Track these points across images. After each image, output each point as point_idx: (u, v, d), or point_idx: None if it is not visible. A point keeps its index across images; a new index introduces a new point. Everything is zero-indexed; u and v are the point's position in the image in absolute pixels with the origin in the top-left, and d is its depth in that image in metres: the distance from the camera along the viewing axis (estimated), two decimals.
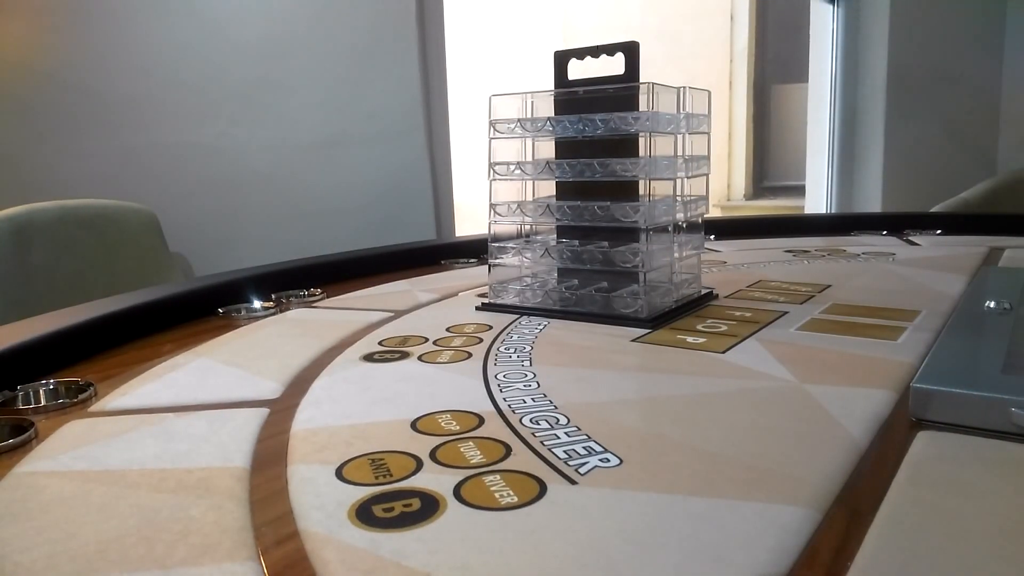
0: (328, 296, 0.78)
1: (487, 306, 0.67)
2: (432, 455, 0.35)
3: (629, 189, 0.61)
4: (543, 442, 0.36)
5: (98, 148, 1.84)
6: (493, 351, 0.53)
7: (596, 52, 0.64)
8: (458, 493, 0.31)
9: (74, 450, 0.37)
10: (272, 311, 0.71)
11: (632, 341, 0.55)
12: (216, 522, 0.29)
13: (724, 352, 0.51)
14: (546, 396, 0.42)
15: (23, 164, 1.85)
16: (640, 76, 0.61)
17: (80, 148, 1.84)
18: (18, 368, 0.50)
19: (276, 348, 0.57)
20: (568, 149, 0.65)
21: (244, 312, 0.71)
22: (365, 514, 0.29)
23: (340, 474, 0.33)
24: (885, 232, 1.15)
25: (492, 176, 0.66)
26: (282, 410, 0.43)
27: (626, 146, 0.61)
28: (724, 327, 0.58)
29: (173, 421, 0.41)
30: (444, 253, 1.02)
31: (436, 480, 0.32)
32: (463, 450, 0.35)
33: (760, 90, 5.18)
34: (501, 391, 0.44)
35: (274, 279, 0.80)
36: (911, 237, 1.10)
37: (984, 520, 0.27)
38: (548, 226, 0.68)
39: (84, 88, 1.83)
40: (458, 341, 0.56)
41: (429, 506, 0.30)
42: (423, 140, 1.87)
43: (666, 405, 0.41)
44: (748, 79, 5.06)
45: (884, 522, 0.27)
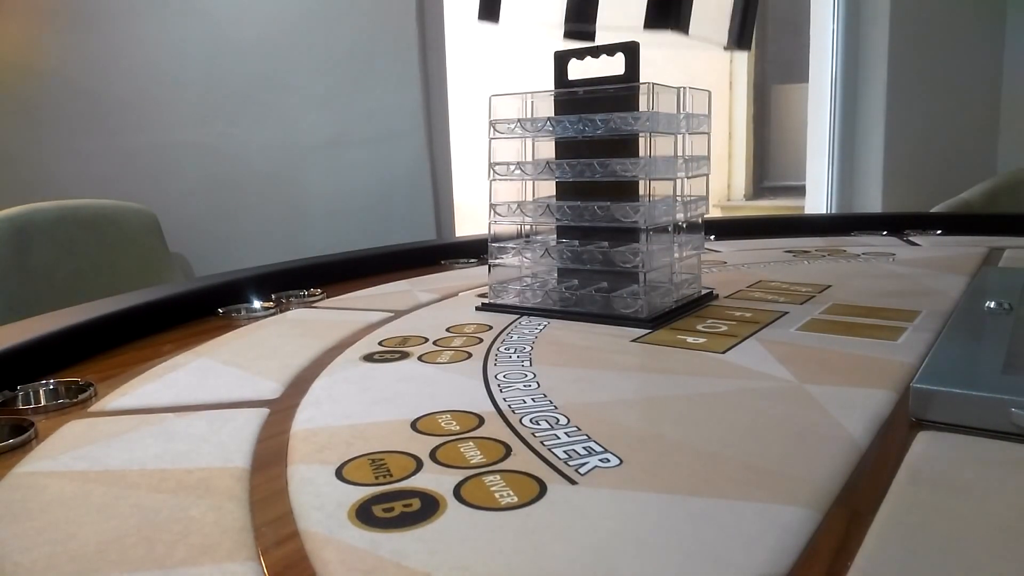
0: (328, 296, 0.78)
1: (487, 306, 0.67)
2: (432, 455, 0.35)
3: (629, 189, 0.61)
4: (543, 442, 0.36)
5: (98, 148, 1.84)
6: (493, 351, 0.53)
7: (596, 52, 0.64)
8: (458, 493, 0.31)
9: (74, 450, 0.37)
10: (272, 311, 0.71)
11: (632, 341, 0.55)
12: (216, 522, 0.29)
13: (724, 352, 0.51)
14: (546, 396, 0.42)
15: (23, 164, 1.85)
16: (640, 76, 0.61)
17: (80, 148, 1.84)
18: (18, 368, 0.50)
19: (276, 348, 0.57)
20: (568, 149, 0.65)
21: (244, 312, 0.71)
22: (365, 514, 0.29)
23: (340, 474, 0.33)
24: (885, 232, 1.15)
25: (492, 176, 0.66)
26: (282, 410, 0.43)
27: (626, 146, 0.61)
28: (724, 327, 0.58)
29: (173, 421, 0.41)
30: (444, 253, 1.02)
31: (436, 480, 0.32)
32: (463, 450, 0.35)
33: (760, 90, 5.18)
34: (501, 391, 0.44)
35: (274, 279, 0.80)
36: (911, 237, 1.10)
37: (984, 520, 0.27)
38: (548, 226, 0.68)
39: (84, 88, 1.83)
40: (458, 341, 0.56)
41: (429, 506, 0.30)
42: (423, 140, 1.87)
43: (666, 405, 0.41)
44: (748, 79, 5.05)
45: (884, 522, 0.27)
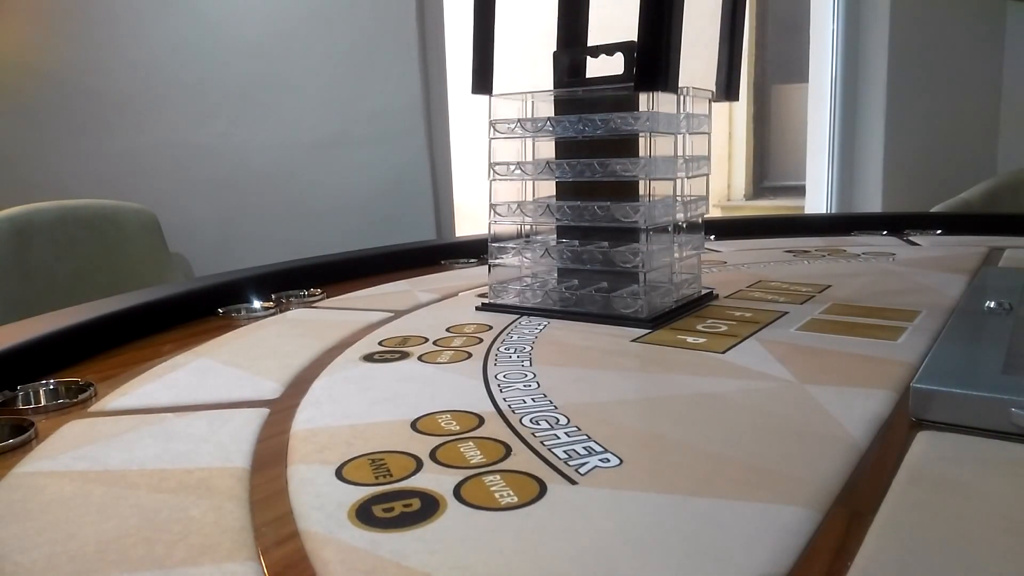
0: (328, 296, 0.78)
1: (487, 306, 0.67)
2: (432, 455, 0.35)
3: (629, 189, 0.61)
4: (543, 442, 0.36)
5: (98, 148, 1.84)
6: (493, 351, 0.53)
7: (596, 52, 0.64)
8: (458, 493, 0.31)
9: (74, 450, 0.37)
10: (272, 311, 0.71)
11: (632, 341, 0.55)
12: (216, 522, 0.29)
13: (724, 352, 0.51)
14: (546, 396, 0.42)
15: (23, 164, 1.85)
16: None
17: (80, 148, 1.84)
18: (18, 368, 0.50)
19: (276, 348, 0.57)
20: (568, 149, 0.65)
21: (244, 312, 0.71)
22: (365, 514, 0.29)
23: (340, 474, 0.33)
24: (885, 232, 1.15)
25: (492, 176, 0.66)
26: (282, 410, 0.43)
27: (626, 146, 0.61)
28: (724, 327, 0.58)
29: (173, 421, 0.41)
30: (444, 253, 1.02)
31: (436, 480, 0.32)
32: (463, 450, 0.35)
33: (760, 90, 5.18)
34: (501, 391, 0.44)
35: (274, 279, 0.80)
36: (911, 237, 1.10)
37: (984, 520, 0.27)
38: (548, 226, 0.68)
39: (84, 88, 1.83)
40: (458, 341, 0.56)
41: (429, 506, 0.30)
42: (423, 140, 1.87)
43: (666, 405, 0.41)
44: (748, 79, 5.06)
45: (884, 522, 0.27)
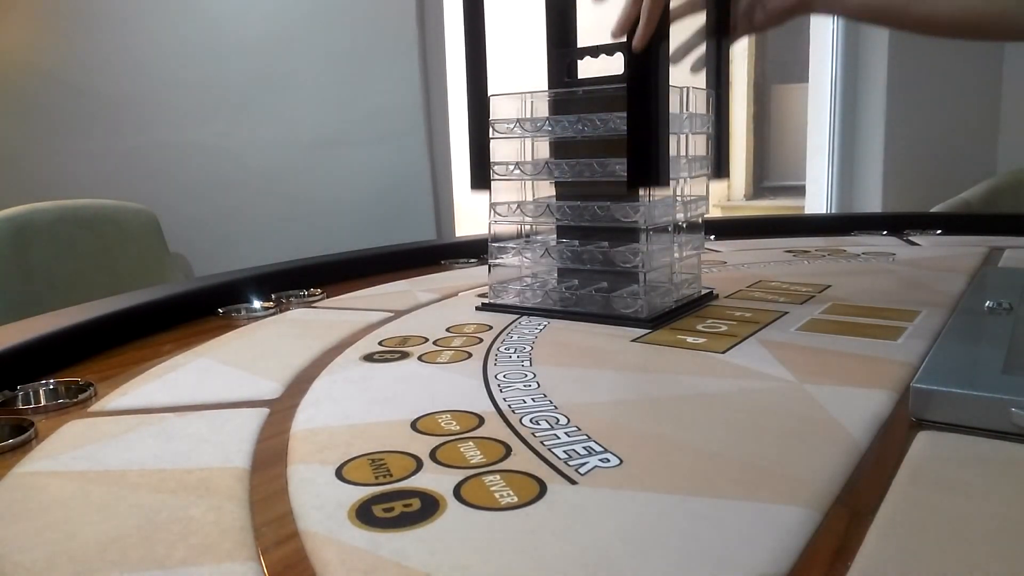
0: (328, 296, 0.78)
1: (487, 306, 0.67)
2: (432, 455, 0.35)
3: None
4: (543, 442, 0.36)
5: (98, 148, 1.84)
6: (493, 351, 0.53)
7: (596, 52, 0.64)
8: (458, 493, 0.31)
9: (74, 450, 0.37)
10: (272, 311, 0.71)
11: (632, 341, 0.55)
12: (216, 522, 0.29)
13: (724, 352, 0.51)
14: (546, 396, 0.42)
15: (23, 164, 1.85)
16: None
17: (80, 148, 1.84)
18: (18, 368, 0.50)
19: (276, 348, 0.57)
20: (568, 149, 0.65)
21: (244, 312, 0.71)
22: (365, 514, 0.29)
23: (340, 474, 0.33)
24: (885, 232, 1.15)
25: (492, 176, 0.66)
26: (282, 410, 0.43)
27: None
28: (724, 327, 0.58)
29: (173, 421, 0.41)
30: (444, 253, 1.02)
31: (436, 480, 0.32)
32: (463, 450, 0.35)
33: (760, 90, 5.17)
34: (501, 391, 0.44)
35: (274, 279, 0.80)
36: (911, 237, 1.10)
37: (984, 520, 0.27)
38: (548, 226, 0.68)
39: (84, 88, 1.83)
40: (458, 341, 0.56)
41: (429, 506, 0.30)
42: (423, 140, 1.87)
43: (666, 405, 0.41)
44: (748, 79, 5.05)
45: (884, 522, 0.27)
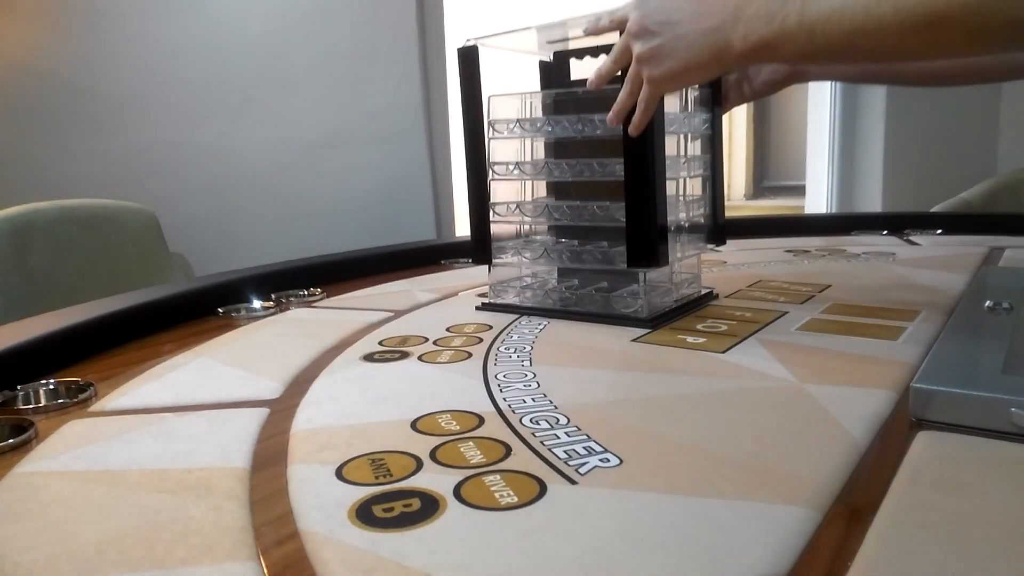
0: (328, 296, 0.78)
1: (487, 306, 0.67)
2: (432, 455, 0.35)
3: None
4: (543, 442, 0.36)
5: (98, 148, 1.84)
6: (493, 351, 0.53)
7: (596, 52, 0.64)
8: (458, 493, 0.31)
9: (74, 450, 0.37)
10: (272, 311, 0.71)
11: (632, 341, 0.55)
12: (216, 522, 0.29)
13: (724, 352, 0.51)
14: (546, 396, 0.42)
15: (23, 164, 1.85)
16: None
17: (80, 148, 1.84)
18: (18, 368, 0.50)
19: (276, 348, 0.57)
20: (567, 149, 0.65)
21: (244, 312, 0.71)
22: (365, 514, 0.29)
23: (340, 474, 0.33)
24: (885, 232, 1.15)
25: (491, 176, 0.66)
26: (282, 410, 0.43)
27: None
28: (724, 327, 0.58)
29: (173, 421, 0.41)
30: (444, 253, 1.02)
31: (436, 480, 0.32)
32: (463, 450, 0.35)
33: None
34: (501, 391, 0.44)
35: (274, 279, 0.80)
36: (911, 237, 1.10)
37: (984, 520, 0.27)
38: (548, 226, 0.68)
39: (84, 88, 1.83)
40: (458, 341, 0.56)
41: (429, 506, 0.30)
42: (423, 140, 1.87)
43: (666, 405, 0.41)
44: None
45: (884, 522, 0.27)
